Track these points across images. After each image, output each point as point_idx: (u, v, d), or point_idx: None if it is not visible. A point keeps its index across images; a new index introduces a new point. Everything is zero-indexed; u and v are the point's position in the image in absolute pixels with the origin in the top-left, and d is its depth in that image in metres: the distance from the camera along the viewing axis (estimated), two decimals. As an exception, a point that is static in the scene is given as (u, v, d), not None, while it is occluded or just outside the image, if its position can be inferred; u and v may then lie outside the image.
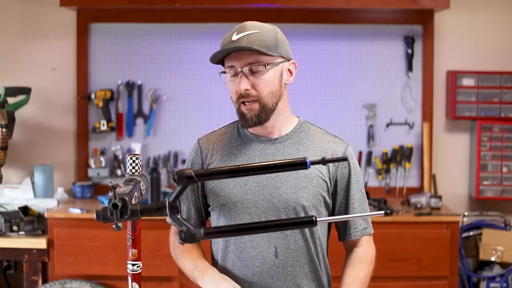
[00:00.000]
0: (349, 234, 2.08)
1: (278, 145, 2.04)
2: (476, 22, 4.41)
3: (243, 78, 1.95)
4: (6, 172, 4.24)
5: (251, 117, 1.98)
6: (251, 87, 1.96)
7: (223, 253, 2.04)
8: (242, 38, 1.93)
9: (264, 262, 1.99)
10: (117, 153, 4.38)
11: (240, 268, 2.00)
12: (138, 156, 1.78)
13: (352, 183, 2.05)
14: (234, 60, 1.96)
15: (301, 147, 2.04)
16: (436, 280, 3.87)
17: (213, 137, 2.12)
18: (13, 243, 3.83)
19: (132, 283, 1.70)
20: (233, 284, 1.93)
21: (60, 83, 4.42)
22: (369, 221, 2.11)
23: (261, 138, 2.05)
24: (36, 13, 4.39)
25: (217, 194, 2.02)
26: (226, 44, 1.97)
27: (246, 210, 1.99)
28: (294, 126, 2.08)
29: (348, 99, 4.40)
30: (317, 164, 1.54)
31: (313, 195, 2.00)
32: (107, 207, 1.43)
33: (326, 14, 4.32)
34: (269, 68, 1.96)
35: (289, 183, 1.99)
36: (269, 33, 1.97)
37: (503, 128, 4.29)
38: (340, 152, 2.05)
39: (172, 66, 4.40)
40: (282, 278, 1.99)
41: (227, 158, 2.05)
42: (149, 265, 3.70)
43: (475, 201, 4.43)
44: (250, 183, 2.00)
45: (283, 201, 1.98)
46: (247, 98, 1.97)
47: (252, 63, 1.94)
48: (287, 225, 1.63)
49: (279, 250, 1.98)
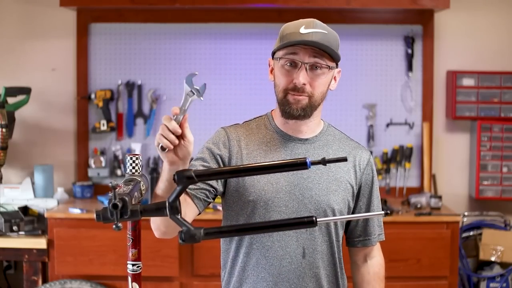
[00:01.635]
0: (368, 240, 2.10)
1: (309, 145, 2.04)
2: (476, 22, 4.41)
3: (303, 71, 1.93)
4: (6, 172, 4.24)
5: (297, 108, 1.96)
6: (308, 82, 1.95)
7: (247, 250, 2.01)
8: (311, 33, 1.92)
9: (291, 262, 1.98)
10: (117, 153, 4.38)
11: (265, 266, 1.99)
12: (138, 156, 1.78)
13: (374, 191, 2.08)
14: (300, 52, 1.93)
15: (330, 150, 2.04)
16: (436, 280, 3.87)
17: (240, 130, 2.07)
18: (13, 243, 3.83)
19: (132, 283, 1.70)
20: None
21: (60, 83, 4.41)
22: (382, 227, 2.14)
23: (291, 136, 2.04)
24: (36, 13, 4.39)
25: (246, 190, 1.98)
26: (293, 35, 1.93)
27: (276, 209, 1.97)
28: (322, 128, 2.08)
29: (348, 99, 4.40)
30: (317, 164, 1.54)
31: (341, 199, 2.01)
32: (107, 207, 1.43)
33: (326, 14, 4.31)
34: (329, 71, 1.97)
35: (321, 185, 1.99)
36: (334, 37, 1.98)
37: (503, 128, 4.29)
38: (365, 159, 2.07)
39: (172, 66, 4.40)
40: (307, 278, 1.99)
41: (256, 153, 2.01)
42: (149, 265, 3.70)
43: (475, 201, 4.43)
44: (281, 181, 1.98)
45: (314, 203, 1.98)
46: (299, 93, 1.95)
47: (318, 61, 1.94)
48: (287, 225, 1.62)
49: (307, 251, 1.99)
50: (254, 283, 2.01)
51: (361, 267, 2.12)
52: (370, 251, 2.11)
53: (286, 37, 1.95)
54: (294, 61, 1.94)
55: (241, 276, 2.03)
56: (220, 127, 2.08)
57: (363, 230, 2.10)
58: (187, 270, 3.87)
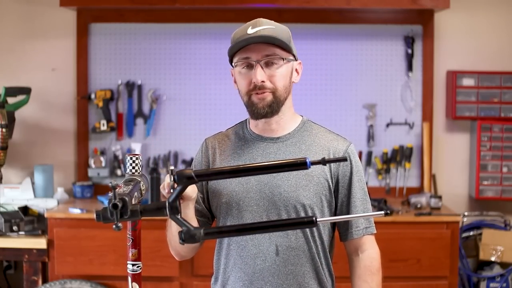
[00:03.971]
0: (350, 233, 2.06)
1: (280, 143, 2.05)
2: (476, 22, 4.41)
3: (259, 69, 1.95)
4: (6, 172, 4.24)
5: (263, 106, 1.98)
6: (266, 79, 1.96)
7: (226, 251, 2.05)
8: (258, 31, 1.95)
9: (265, 260, 1.99)
10: (117, 153, 4.38)
11: (241, 266, 2.01)
12: (138, 156, 1.78)
13: (354, 182, 2.05)
14: (251, 52, 1.96)
15: (303, 146, 2.04)
16: (436, 280, 3.87)
17: (219, 137, 2.13)
18: (13, 243, 3.83)
19: (132, 283, 1.70)
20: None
21: (60, 83, 4.42)
22: (371, 221, 2.09)
23: (263, 137, 2.06)
24: (36, 13, 4.39)
25: (220, 193, 2.03)
26: (241, 37, 1.96)
27: (247, 209, 2.00)
28: (297, 125, 2.09)
29: (348, 99, 4.40)
30: (317, 164, 1.54)
31: (313, 193, 2.00)
32: (107, 207, 1.43)
33: (326, 14, 4.32)
34: (285, 62, 1.98)
35: (290, 181, 1.99)
36: (283, 30, 2.00)
37: (503, 128, 4.29)
38: (342, 150, 2.05)
39: (172, 66, 4.40)
40: (283, 276, 1.99)
41: (230, 158, 2.06)
42: (149, 265, 3.70)
43: (475, 201, 4.43)
44: (251, 181, 2.00)
45: (283, 199, 1.98)
46: (262, 90, 1.97)
47: (270, 55, 1.96)
48: (287, 225, 1.63)
49: (280, 248, 1.99)
50: (233, 283, 2.03)
51: (354, 261, 2.09)
52: (360, 244, 2.07)
53: (235, 42, 1.98)
54: (249, 62, 1.97)
55: (223, 278, 2.07)
56: (204, 139, 2.17)
57: (346, 223, 2.07)
58: (187, 270, 3.86)
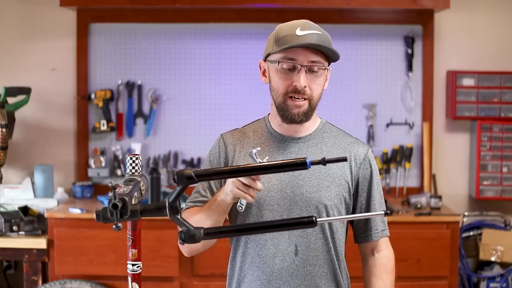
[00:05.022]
0: (370, 236, 2.09)
1: (302, 144, 2.05)
2: (476, 22, 4.41)
3: (303, 74, 1.94)
4: (6, 172, 4.24)
5: (298, 113, 1.97)
6: (307, 85, 1.95)
7: (243, 249, 2.04)
8: (308, 35, 1.93)
9: (284, 259, 1.99)
10: (117, 153, 4.38)
11: (259, 265, 2.00)
12: (138, 156, 1.78)
13: (373, 185, 2.07)
14: (298, 55, 1.94)
15: (324, 147, 2.05)
16: (436, 280, 3.87)
17: (237, 134, 2.10)
18: (13, 243, 3.83)
19: (132, 283, 1.70)
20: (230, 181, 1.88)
21: (60, 83, 4.42)
22: (386, 223, 2.13)
23: (285, 136, 2.05)
24: (36, 13, 4.39)
25: None
26: (290, 37, 1.94)
27: (268, 208, 1.99)
28: (317, 126, 2.09)
29: (348, 99, 4.40)
30: (317, 164, 1.54)
31: (335, 194, 2.00)
32: (107, 207, 1.43)
33: (326, 14, 4.32)
34: (324, 71, 1.98)
35: (312, 182, 1.99)
36: (328, 37, 2.00)
37: (503, 128, 4.29)
38: (362, 153, 2.07)
39: (172, 66, 4.40)
40: (301, 276, 1.99)
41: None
42: (149, 265, 3.70)
43: (475, 201, 4.43)
44: (273, 180, 1.99)
45: (305, 200, 1.98)
46: (300, 95, 1.96)
47: (315, 62, 1.95)
48: (287, 225, 1.62)
49: (300, 248, 1.99)
50: (250, 282, 2.02)
51: (369, 260, 2.11)
52: (376, 246, 2.10)
53: (283, 40, 1.95)
54: (294, 65, 1.95)
55: (239, 276, 2.05)
56: (220, 134, 2.12)
57: (365, 226, 2.10)
58: (187, 270, 3.87)
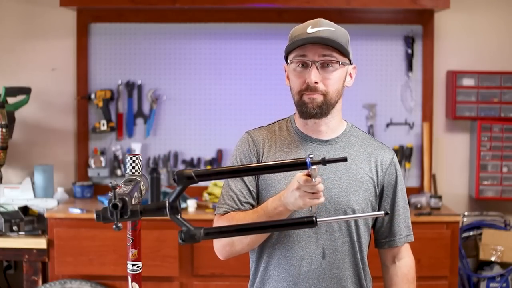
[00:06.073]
0: (393, 241, 2.08)
1: (329, 146, 2.03)
2: (476, 22, 4.41)
3: (314, 70, 1.94)
4: (6, 172, 4.24)
5: (313, 107, 1.96)
6: (320, 81, 1.95)
7: (270, 250, 2.02)
8: (318, 31, 1.94)
9: (311, 262, 1.98)
10: (117, 153, 4.38)
11: (286, 266, 1.99)
12: (138, 156, 1.78)
13: (398, 191, 2.07)
14: (308, 52, 1.94)
15: (352, 151, 2.04)
16: (436, 280, 3.87)
17: (264, 132, 2.08)
18: (13, 243, 3.83)
19: (132, 283, 1.70)
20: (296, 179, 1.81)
21: (60, 83, 4.41)
22: (410, 228, 2.12)
23: (312, 138, 2.04)
24: (36, 13, 4.39)
25: (268, 191, 1.99)
26: (300, 35, 1.95)
27: (297, 211, 1.94)
28: (344, 129, 2.08)
29: (348, 99, 4.38)
30: (317, 164, 1.54)
31: (362, 199, 2.00)
32: (107, 207, 1.43)
33: (326, 14, 4.25)
34: (340, 66, 1.98)
35: (341, 185, 1.99)
36: (343, 33, 2.00)
37: (503, 128, 4.29)
38: (388, 159, 2.06)
39: (172, 66, 4.40)
40: (327, 279, 1.99)
41: (278, 155, 2.02)
42: (149, 265, 3.70)
43: (475, 201, 4.43)
44: None
45: (334, 203, 1.97)
46: (313, 92, 1.95)
47: (327, 59, 1.95)
48: (287, 225, 1.62)
49: (327, 251, 1.98)
50: (275, 283, 2.01)
51: (390, 268, 2.11)
52: (398, 252, 2.10)
53: (294, 39, 1.97)
54: (304, 61, 1.95)
55: (264, 276, 2.04)
56: (245, 132, 2.10)
57: (389, 230, 2.08)
58: (187, 270, 3.87)
